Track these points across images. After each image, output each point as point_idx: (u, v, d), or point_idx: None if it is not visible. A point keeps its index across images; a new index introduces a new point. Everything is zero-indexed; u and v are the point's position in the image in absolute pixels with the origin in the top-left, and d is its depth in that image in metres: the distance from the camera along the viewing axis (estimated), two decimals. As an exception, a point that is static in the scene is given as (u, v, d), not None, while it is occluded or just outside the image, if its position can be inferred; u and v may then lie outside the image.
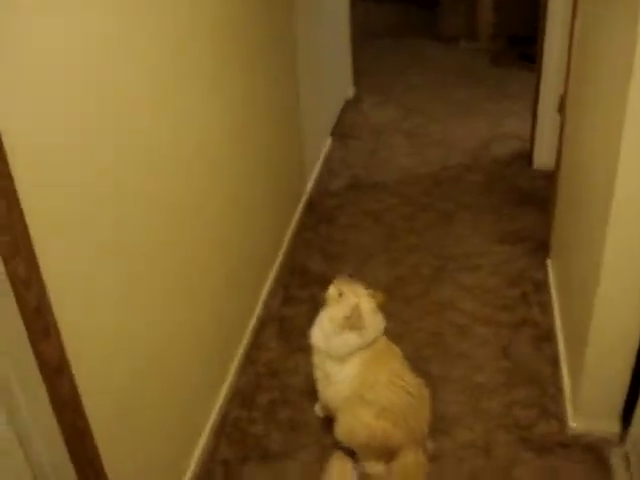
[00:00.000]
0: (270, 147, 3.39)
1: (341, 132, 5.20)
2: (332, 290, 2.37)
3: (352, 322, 2.27)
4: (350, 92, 5.90)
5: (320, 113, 4.73)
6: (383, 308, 2.40)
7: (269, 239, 3.45)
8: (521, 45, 6.55)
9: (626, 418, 2.45)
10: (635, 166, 1.99)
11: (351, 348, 2.31)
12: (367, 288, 2.39)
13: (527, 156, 4.58)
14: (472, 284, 3.39)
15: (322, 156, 4.75)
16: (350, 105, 5.74)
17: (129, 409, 1.94)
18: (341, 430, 2.38)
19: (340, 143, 5.05)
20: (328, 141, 4.98)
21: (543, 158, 4.34)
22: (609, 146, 2.11)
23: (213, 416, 2.61)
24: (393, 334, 2.51)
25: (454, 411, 2.66)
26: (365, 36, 6.64)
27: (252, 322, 3.09)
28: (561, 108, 3.27)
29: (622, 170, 2.00)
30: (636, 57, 1.83)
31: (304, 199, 4.14)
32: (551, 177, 3.53)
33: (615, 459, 2.43)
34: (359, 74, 6.02)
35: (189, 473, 2.38)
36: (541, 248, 3.55)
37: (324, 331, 2.36)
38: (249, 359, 2.96)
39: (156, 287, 2.10)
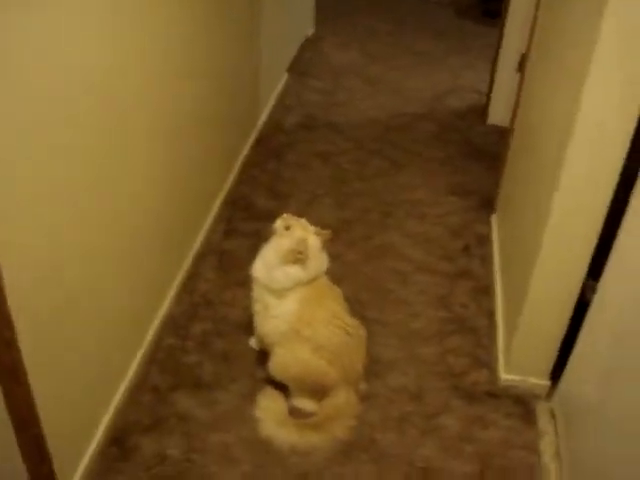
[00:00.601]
0: (224, 76, 3.29)
1: (299, 69, 5.10)
2: (279, 222, 2.36)
3: (297, 255, 2.25)
4: (310, 30, 5.77)
5: (278, 47, 4.62)
6: (327, 248, 2.38)
7: (216, 171, 3.37)
8: (487, 1, 6.50)
9: (555, 375, 2.50)
10: (589, 131, 1.98)
11: (292, 282, 2.30)
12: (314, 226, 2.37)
13: (482, 111, 4.57)
14: (416, 232, 3.39)
15: (277, 91, 4.65)
16: (310, 43, 5.62)
17: (60, 324, 1.88)
18: (276, 364, 2.37)
19: (297, 80, 4.95)
20: (284, 77, 4.88)
21: (498, 114, 4.34)
22: (566, 111, 2.10)
23: (146, 343, 2.57)
24: (335, 276, 2.50)
25: (389, 355, 2.67)
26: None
27: (192, 253, 3.03)
28: (521, 67, 3.24)
29: (577, 133, 1.99)
30: (603, 20, 1.80)
31: (255, 133, 4.05)
32: (504, 134, 3.53)
33: (541, 413, 2.49)
34: (322, 13, 5.89)
35: (118, 396, 2.35)
36: (487, 203, 3.57)
37: (267, 263, 2.34)
38: (186, 289, 2.91)
39: (103, 206, 2.05)
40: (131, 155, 2.26)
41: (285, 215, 2.40)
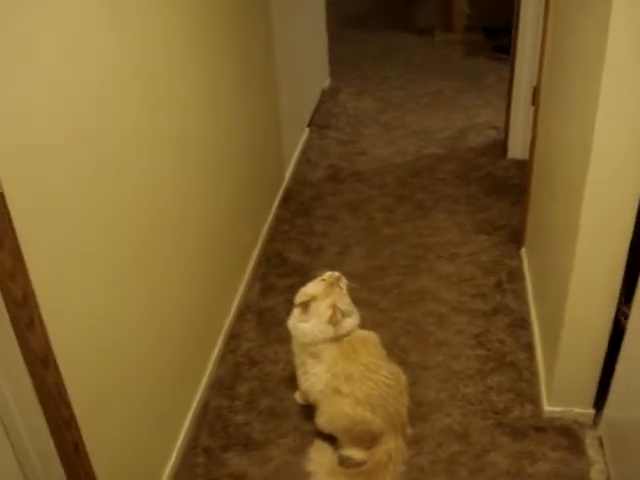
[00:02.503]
0: (250, 139, 3.41)
1: (319, 123, 5.23)
2: (300, 297, 2.47)
3: (334, 319, 2.35)
4: (327, 83, 5.92)
5: (298, 104, 4.76)
6: (361, 298, 2.45)
7: (248, 231, 3.47)
8: (496, 37, 6.61)
9: (599, 402, 2.51)
10: (606, 156, 2.04)
11: (326, 335, 2.38)
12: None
13: (501, 146, 4.63)
14: (448, 273, 3.44)
15: (300, 147, 4.77)
16: (327, 96, 5.76)
17: (112, 399, 1.96)
18: (321, 418, 2.43)
19: (318, 134, 5.07)
20: (306, 132, 5.00)
21: (517, 148, 4.41)
22: (582, 137, 2.16)
23: (194, 405, 2.64)
24: (372, 323, 2.56)
25: (432, 398, 2.71)
26: (341, 28, 6.67)
27: (232, 312, 3.12)
28: (535, 100, 3.32)
29: (594, 160, 2.05)
30: (607, 49, 1.88)
31: (282, 190, 4.16)
32: (525, 166, 3.59)
33: (589, 442, 2.49)
34: (336, 65, 6.05)
35: (171, 461, 2.41)
36: (516, 237, 3.61)
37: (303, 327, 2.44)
38: (229, 349, 2.99)
39: (141, 281, 2.13)
40: (186, 223, 2.38)
41: (302, 290, 2.50)
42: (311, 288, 2.46)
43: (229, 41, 3.01)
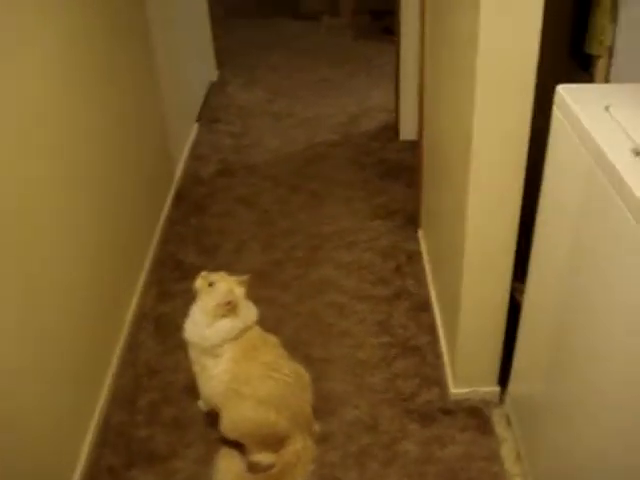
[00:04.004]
0: (136, 139, 3.28)
1: (208, 116, 5.10)
2: (200, 282, 2.36)
3: (226, 307, 2.27)
4: (214, 75, 5.79)
5: (184, 99, 4.62)
6: (259, 294, 2.39)
7: (139, 235, 3.34)
8: (383, 18, 6.60)
9: (504, 379, 2.53)
10: (488, 138, 2.03)
11: (226, 334, 2.30)
12: (231, 275, 2.41)
13: (393, 128, 4.63)
14: (347, 261, 3.40)
15: (189, 143, 4.64)
16: (215, 89, 5.63)
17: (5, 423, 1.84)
18: (225, 424, 2.35)
19: (207, 128, 4.95)
20: (195, 127, 4.87)
21: (408, 129, 4.40)
22: (463, 118, 2.15)
23: (94, 423, 2.51)
24: (272, 320, 2.50)
25: (339, 390, 2.67)
26: (226, 17, 6.53)
27: (127, 321, 2.98)
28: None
29: (476, 142, 2.04)
30: (480, 27, 1.86)
31: (173, 189, 4.03)
32: (416, 148, 3.59)
33: (497, 420, 2.51)
34: (222, 55, 5.91)
35: (74, 484, 2.29)
36: (411, 219, 3.61)
37: (197, 323, 2.34)
38: (127, 360, 2.86)
39: (18, 290, 2.00)
40: (70, 230, 2.27)
41: (203, 273, 2.41)
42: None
43: (104, 42, 2.86)
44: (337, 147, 4.56)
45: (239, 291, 2.35)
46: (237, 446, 2.40)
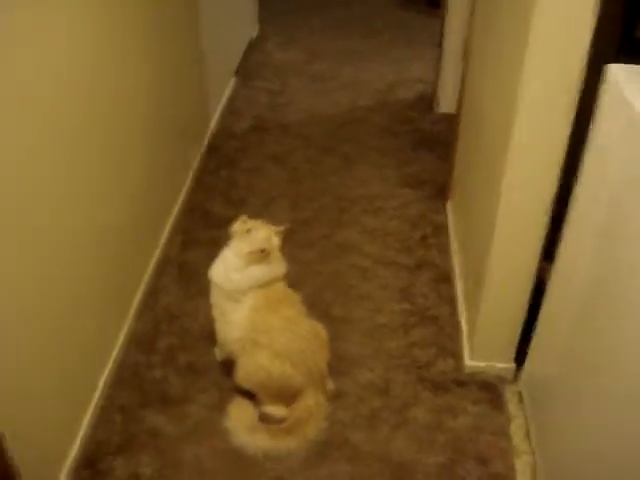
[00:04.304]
0: (174, 88, 3.28)
1: (245, 72, 5.08)
2: (239, 225, 2.36)
3: (261, 255, 2.28)
4: (255, 31, 5.75)
5: (223, 52, 4.60)
6: (285, 250, 2.39)
7: (170, 182, 3.35)
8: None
9: (520, 358, 2.53)
10: (530, 114, 2.00)
11: (254, 281, 2.31)
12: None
13: (431, 100, 4.59)
14: (373, 227, 3.40)
15: (225, 97, 4.63)
16: (255, 45, 5.60)
17: (29, 353, 1.87)
18: (240, 373, 2.37)
19: (244, 83, 4.93)
20: (232, 81, 4.86)
21: (446, 102, 4.37)
22: (508, 91, 2.12)
23: (110, 362, 2.54)
24: (295, 276, 2.50)
25: (355, 352, 2.68)
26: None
27: (151, 266, 3.01)
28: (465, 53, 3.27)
29: (520, 114, 2.01)
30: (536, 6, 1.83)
31: (206, 141, 4.03)
32: (452, 121, 3.56)
33: (509, 396, 2.51)
34: (264, 13, 5.88)
35: (87, 418, 2.33)
36: (441, 191, 3.59)
37: (227, 267, 2.33)
38: (148, 304, 2.89)
39: (57, 237, 2.04)
40: (85, 171, 2.25)
41: (243, 217, 2.40)
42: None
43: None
44: (372, 113, 4.53)
45: (275, 240, 2.36)
46: (251, 398, 2.42)
